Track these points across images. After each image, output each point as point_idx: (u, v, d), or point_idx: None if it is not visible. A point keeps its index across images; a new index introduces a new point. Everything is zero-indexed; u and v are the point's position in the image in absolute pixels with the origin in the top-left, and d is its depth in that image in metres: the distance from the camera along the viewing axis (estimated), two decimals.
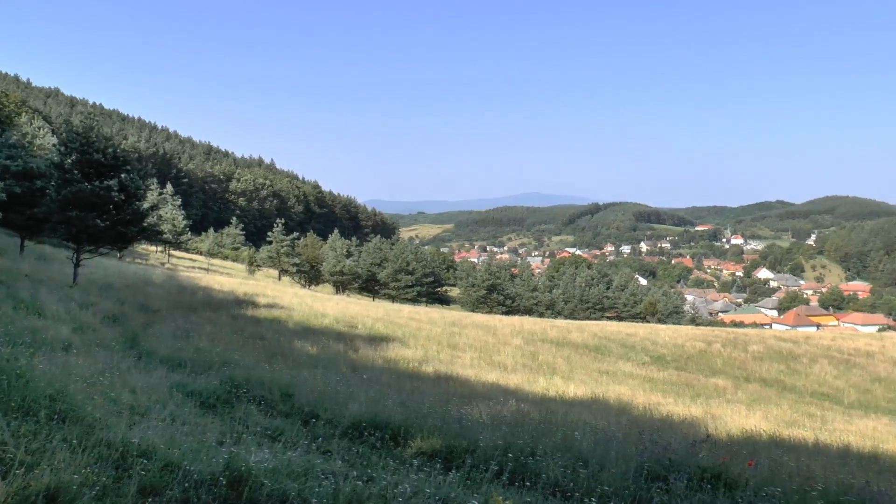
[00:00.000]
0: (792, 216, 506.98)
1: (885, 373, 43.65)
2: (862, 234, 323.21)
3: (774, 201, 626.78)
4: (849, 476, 10.90)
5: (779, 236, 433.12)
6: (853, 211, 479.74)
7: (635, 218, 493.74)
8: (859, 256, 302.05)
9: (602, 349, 39.74)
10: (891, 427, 25.69)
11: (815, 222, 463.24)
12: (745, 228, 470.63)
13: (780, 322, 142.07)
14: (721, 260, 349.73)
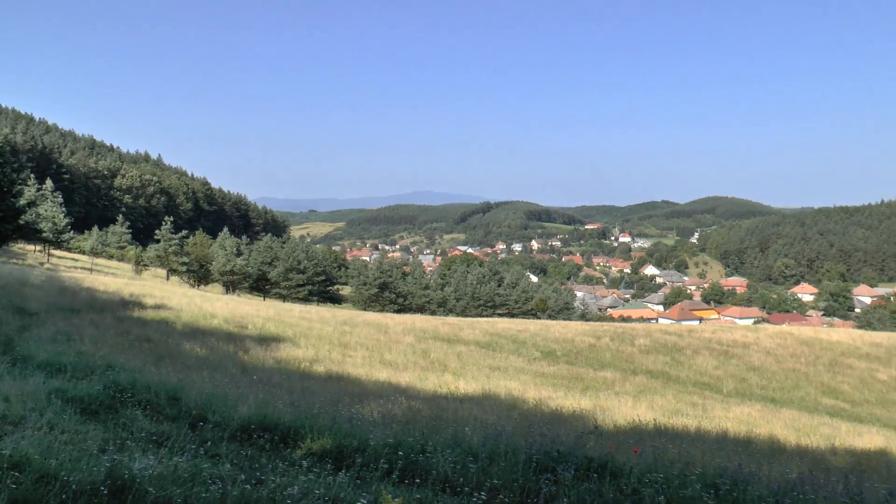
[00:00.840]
0: (677, 215, 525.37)
1: (760, 362, 45.74)
2: (740, 232, 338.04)
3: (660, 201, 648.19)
4: (725, 460, 11.41)
5: (664, 234, 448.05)
6: (732, 210, 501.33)
7: (526, 216, 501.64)
8: (737, 253, 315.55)
9: (493, 345, 40.22)
10: (763, 413, 26.97)
11: (698, 221, 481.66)
12: (633, 227, 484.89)
13: (666, 316, 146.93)
14: (610, 257, 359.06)
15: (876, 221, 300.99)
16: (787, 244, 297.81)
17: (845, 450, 19.56)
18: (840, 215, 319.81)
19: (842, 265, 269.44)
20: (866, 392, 42.63)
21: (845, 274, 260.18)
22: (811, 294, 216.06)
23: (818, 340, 56.04)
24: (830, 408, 35.90)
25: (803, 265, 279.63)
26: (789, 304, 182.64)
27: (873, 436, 24.08)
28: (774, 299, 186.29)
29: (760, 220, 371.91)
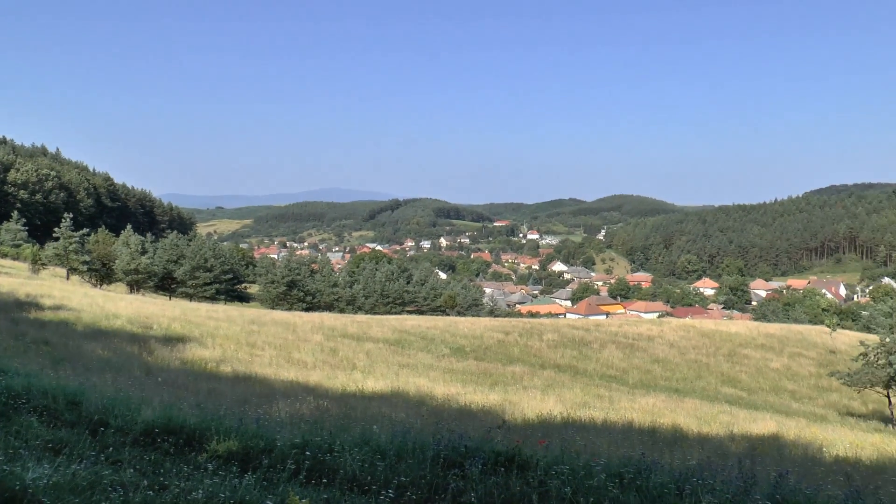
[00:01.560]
0: (584, 213, 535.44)
1: (663, 354, 47.10)
2: (645, 229, 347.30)
3: (568, 199, 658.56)
4: (630, 449, 11.70)
5: (572, 232, 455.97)
6: (638, 209, 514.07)
7: (435, 214, 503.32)
8: (643, 250, 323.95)
9: (402, 343, 40.24)
10: (667, 403, 27.78)
11: (605, 219, 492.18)
12: (541, 224, 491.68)
13: (574, 311, 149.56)
14: (518, 254, 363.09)
15: (770, 219, 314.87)
16: (689, 241, 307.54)
17: (742, 436, 20.33)
18: (738, 213, 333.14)
19: (740, 260, 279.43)
20: (761, 380, 44.42)
21: (743, 269, 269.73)
22: (712, 288, 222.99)
23: (718, 332, 58.03)
24: (730, 396, 37.25)
25: (705, 261, 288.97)
26: (692, 298, 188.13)
27: (767, 422, 25.10)
28: (678, 294, 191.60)
29: (665, 217, 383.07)
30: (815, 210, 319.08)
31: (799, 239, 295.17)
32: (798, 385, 44.97)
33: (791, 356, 52.82)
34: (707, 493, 7.96)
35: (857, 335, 62.42)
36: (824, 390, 44.18)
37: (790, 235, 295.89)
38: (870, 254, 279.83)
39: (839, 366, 44.09)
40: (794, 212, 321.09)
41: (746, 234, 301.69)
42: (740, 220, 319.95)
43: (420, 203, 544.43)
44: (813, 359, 53.08)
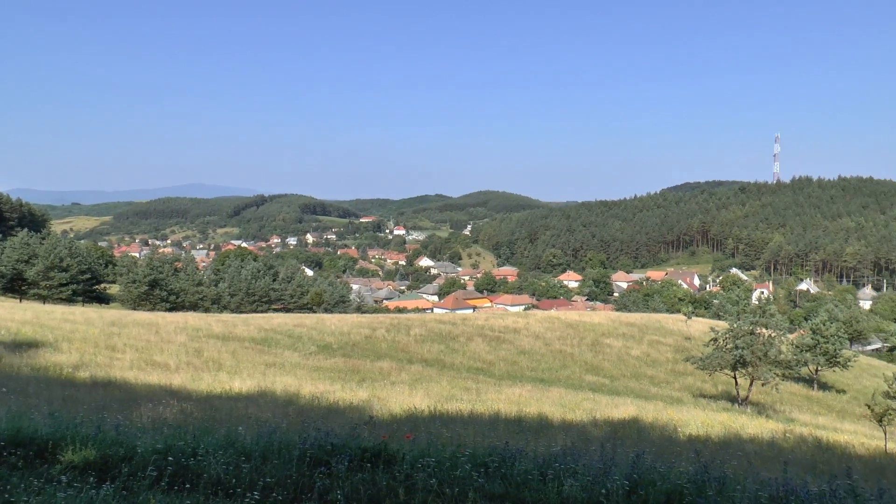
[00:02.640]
0: (450, 209, 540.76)
1: (529, 346, 48.13)
2: (510, 224, 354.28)
3: (434, 195, 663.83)
4: (496, 439, 11.94)
5: (438, 227, 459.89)
6: (503, 204, 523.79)
7: (301, 210, 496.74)
8: (508, 244, 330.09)
9: (269, 341, 39.59)
10: (533, 392, 28.46)
11: (471, 214, 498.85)
12: (407, 220, 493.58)
13: (441, 306, 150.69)
14: (385, 250, 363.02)
15: (630, 214, 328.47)
16: (554, 235, 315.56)
17: (605, 421, 21.07)
18: (601, 209, 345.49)
19: (602, 254, 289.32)
20: (623, 367, 46.07)
21: (605, 262, 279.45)
22: (576, 281, 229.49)
23: (582, 323, 59.74)
24: (593, 384, 38.45)
25: (569, 254, 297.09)
26: (557, 290, 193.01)
27: (627, 406, 26.12)
28: (543, 286, 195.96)
29: (530, 213, 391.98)
30: (672, 206, 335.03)
31: (657, 233, 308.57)
32: (657, 371, 46.89)
33: (650, 344, 55.01)
34: (569, 476, 8.22)
35: (709, 322, 65.74)
36: (680, 374, 46.26)
37: (649, 230, 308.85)
38: (720, 246, 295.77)
39: (693, 351, 46.26)
40: (653, 207, 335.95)
41: (608, 228, 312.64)
42: (602, 216, 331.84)
43: (286, 199, 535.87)
44: (670, 345, 55.48)
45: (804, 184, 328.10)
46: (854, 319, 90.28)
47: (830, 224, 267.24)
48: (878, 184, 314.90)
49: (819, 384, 52.35)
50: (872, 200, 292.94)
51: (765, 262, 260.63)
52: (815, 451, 19.75)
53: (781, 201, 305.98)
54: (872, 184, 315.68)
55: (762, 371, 36.21)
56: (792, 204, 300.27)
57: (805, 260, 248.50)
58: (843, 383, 54.70)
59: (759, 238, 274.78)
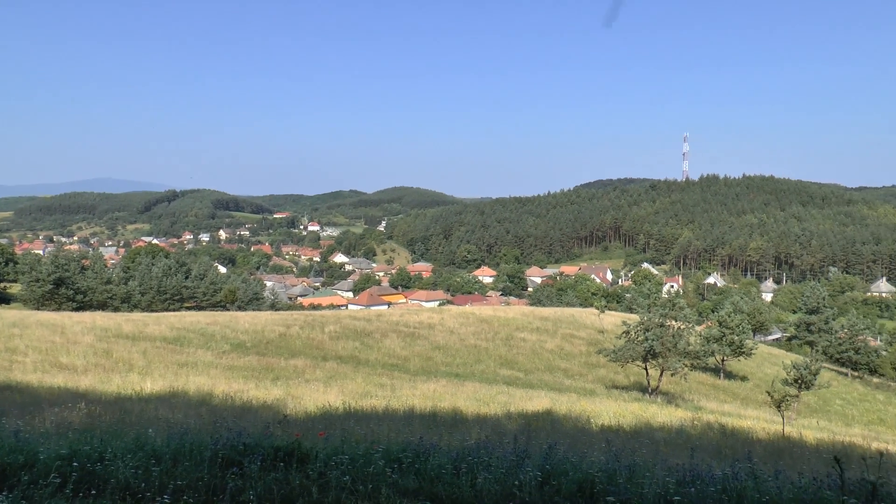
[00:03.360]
0: (364, 204, 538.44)
1: (444, 341, 48.35)
2: (425, 220, 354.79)
3: (348, 191, 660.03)
4: (411, 435, 11.97)
5: (353, 223, 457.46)
6: (418, 200, 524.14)
7: (214, 205, 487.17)
8: (423, 240, 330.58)
9: (181, 340, 38.79)
10: (448, 387, 28.61)
11: (386, 210, 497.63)
12: (322, 216, 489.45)
13: (355, 303, 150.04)
14: (299, 246, 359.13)
15: (545, 210, 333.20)
16: (469, 231, 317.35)
17: (519, 413, 21.32)
18: (515, 205, 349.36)
19: (517, 249, 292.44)
20: (537, 361, 46.69)
21: (519, 257, 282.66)
22: (490, 276, 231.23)
23: (496, 318, 60.30)
24: (507, 377, 38.85)
25: (483, 250, 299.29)
26: (471, 286, 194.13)
27: (541, 399, 26.50)
28: (458, 282, 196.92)
29: (444, 209, 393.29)
30: (585, 202, 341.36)
31: (570, 229, 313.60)
32: (570, 363, 47.69)
33: (564, 337, 55.89)
34: (483, 469, 8.30)
35: (621, 315, 67.08)
36: (593, 367, 47.16)
37: (563, 226, 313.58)
38: (631, 242, 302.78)
39: (606, 344, 47.14)
40: (566, 204, 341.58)
41: (522, 224, 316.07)
42: (517, 212, 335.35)
43: (198, 194, 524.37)
44: (583, 339, 56.48)
45: (711, 182, 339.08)
46: (757, 311, 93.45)
47: (736, 220, 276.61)
48: (779, 182, 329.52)
49: (725, 373, 54.09)
50: (773, 198, 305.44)
51: (674, 256, 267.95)
52: (720, 437, 20.39)
53: (690, 198, 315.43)
54: (774, 182, 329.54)
55: (672, 362, 37.21)
56: (700, 201, 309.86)
57: (712, 255, 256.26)
58: (747, 372, 56.64)
59: (669, 234, 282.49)
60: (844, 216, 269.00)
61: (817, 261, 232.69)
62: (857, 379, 65.46)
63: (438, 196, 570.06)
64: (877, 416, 49.59)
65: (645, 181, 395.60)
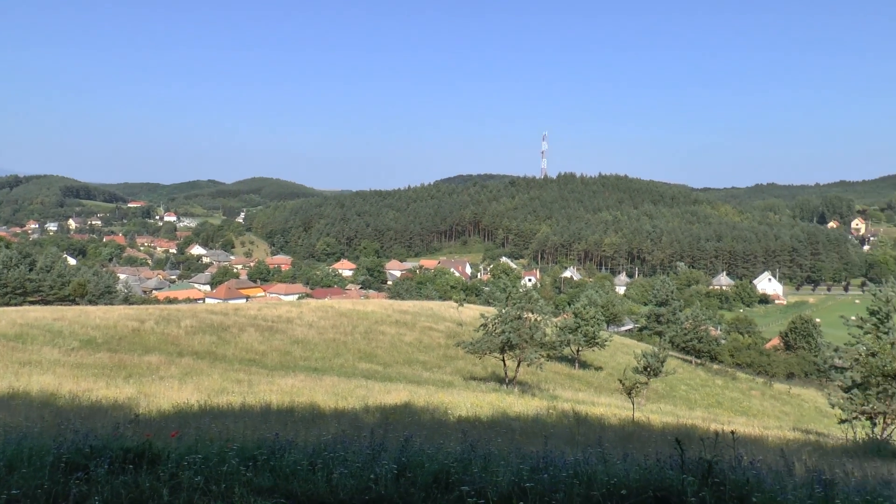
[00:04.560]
0: (223, 195, 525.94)
1: (303, 335, 47.88)
2: (285, 212, 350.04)
3: (206, 181, 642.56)
4: (267, 431, 11.80)
5: (211, 214, 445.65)
6: (277, 192, 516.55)
7: (63, 193, 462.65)
8: (283, 233, 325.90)
9: (24, 337, 36.79)
10: (306, 382, 28.38)
11: (245, 201, 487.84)
12: (179, 206, 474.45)
13: (213, 296, 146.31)
14: (155, 237, 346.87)
15: (405, 204, 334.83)
16: (328, 224, 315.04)
17: (377, 407, 21.39)
18: (375, 198, 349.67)
19: (376, 243, 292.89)
20: (395, 354, 46.92)
21: (379, 250, 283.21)
22: (350, 269, 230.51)
23: (356, 311, 60.19)
24: (367, 371, 38.88)
25: (343, 243, 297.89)
26: (331, 279, 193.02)
27: (400, 392, 26.68)
28: (318, 275, 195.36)
29: (304, 201, 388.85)
30: (445, 197, 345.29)
31: (430, 223, 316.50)
32: (429, 356, 48.15)
33: (423, 330, 56.37)
34: (340, 464, 8.27)
35: (480, 308, 68.18)
36: (452, 359, 47.78)
37: (422, 219, 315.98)
38: (491, 236, 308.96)
39: (464, 336, 47.87)
40: (426, 198, 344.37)
41: (383, 217, 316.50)
42: (377, 205, 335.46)
43: (45, 180, 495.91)
44: (442, 331, 57.13)
45: (569, 180, 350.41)
46: (611, 303, 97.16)
47: (592, 217, 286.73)
48: (632, 181, 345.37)
49: (580, 363, 55.95)
50: (627, 196, 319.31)
51: (532, 251, 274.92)
52: (574, 424, 21.09)
53: (548, 195, 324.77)
54: (627, 181, 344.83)
55: (529, 353, 38.19)
56: (558, 198, 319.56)
57: (569, 249, 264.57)
58: (601, 361, 58.80)
59: (527, 229, 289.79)
60: (691, 215, 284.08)
61: (667, 256, 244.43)
62: (700, 366, 69.07)
63: (298, 188, 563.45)
64: (715, 400, 52.67)
65: (504, 177, 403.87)
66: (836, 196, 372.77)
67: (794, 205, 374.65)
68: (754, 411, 50.24)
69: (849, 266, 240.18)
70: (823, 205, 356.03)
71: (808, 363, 78.73)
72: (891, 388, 26.30)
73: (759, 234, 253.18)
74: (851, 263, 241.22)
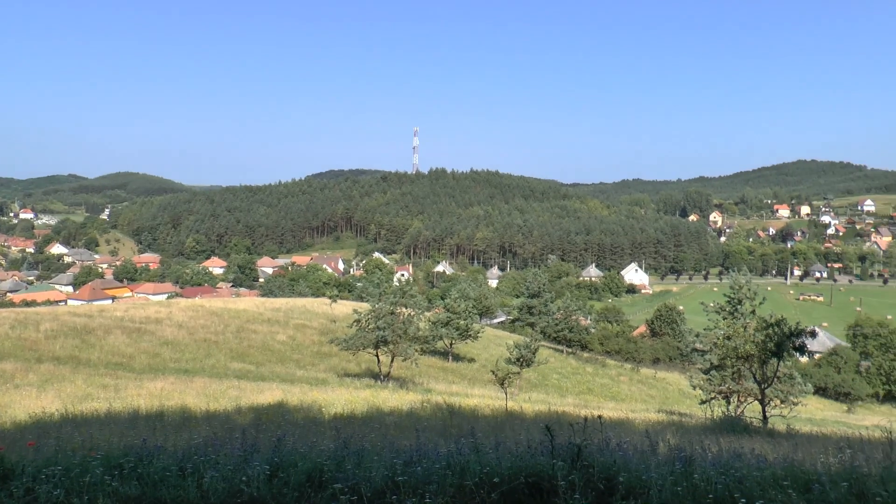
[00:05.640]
0: (85, 191, 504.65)
1: (173, 336, 46.49)
2: (152, 209, 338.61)
3: (67, 175, 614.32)
4: (135, 438, 11.41)
5: (73, 211, 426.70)
6: (144, 187, 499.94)
7: None
8: (150, 230, 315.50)
9: None
10: (176, 385, 27.59)
11: (110, 197, 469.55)
12: (36, 202, 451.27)
13: (76, 298, 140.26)
14: (9, 236, 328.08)
15: (276, 199, 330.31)
16: (198, 221, 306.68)
17: (250, 407, 21.04)
18: (246, 194, 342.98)
19: (248, 239, 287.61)
20: (268, 353, 46.27)
21: (251, 247, 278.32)
22: (221, 267, 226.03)
23: (227, 310, 58.97)
24: (239, 371, 38.14)
25: (214, 240, 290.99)
26: (201, 277, 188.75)
27: (273, 391, 26.33)
28: (187, 274, 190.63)
29: (172, 197, 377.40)
30: (317, 192, 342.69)
31: (302, 218, 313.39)
32: (302, 354, 47.67)
33: (296, 328, 55.73)
34: (211, 468, 8.07)
35: (353, 304, 67.95)
36: (326, 356, 47.45)
37: (294, 215, 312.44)
38: (363, 232, 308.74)
39: (338, 333, 47.54)
40: (298, 193, 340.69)
41: (254, 213, 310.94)
42: (247, 201, 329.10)
43: None
44: (316, 328, 56.63)
45: (440, 175, 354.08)
46: (483, 296, 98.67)
47: (463, 212, 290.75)
48: (503, 177, 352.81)
49: (453, 356, 56.56)
50: (499, 192, 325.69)
51: (405, 246, 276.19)
52: (447, 416, 21.30)
53: (420, 190, 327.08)
54: (498, 177, 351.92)
55: (402, 348, 38.41)
56: (430, 193, 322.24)
57: (441, 244, 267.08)
58: (474, 353, 59.63)
59: (399, 224, 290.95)
60: (561, 209, 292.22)
61: (538, 249, 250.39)
62: (571, 354, 71.10)
63: (166, 183, 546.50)
64: (586, 387, 54.39)
65: (377, 172, 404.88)
66: (696, 191, 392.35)
67: (659, 199, 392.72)
68: (623, 396, 52.23)
69: (708, 256, 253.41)
70: (685, 199, 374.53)
71: (673, 348, 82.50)
72: (743, 369, 27.98)
73: (626, 227, 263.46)
74: (710, 254, 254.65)
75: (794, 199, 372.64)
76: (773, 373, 27.34)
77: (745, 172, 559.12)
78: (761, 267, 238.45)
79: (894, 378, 75.54)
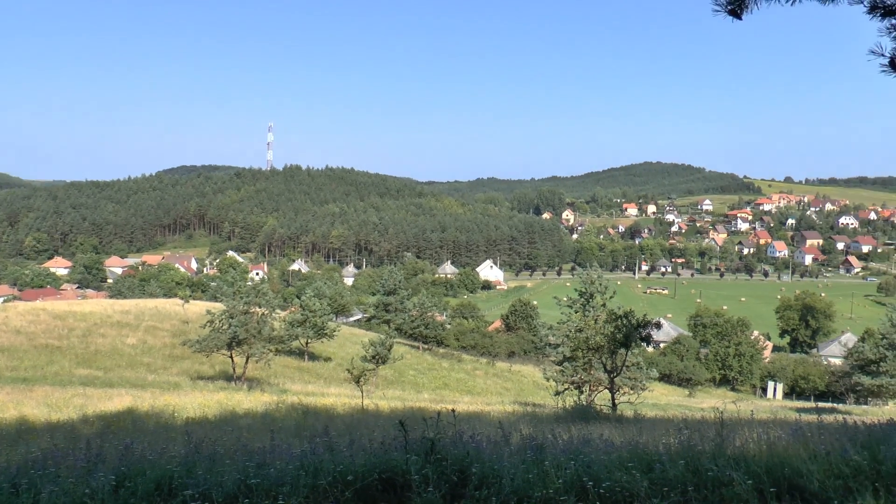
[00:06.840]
0: None
1: (9, 342, 43.98)
2: None
3: None
4: None
5: None
6: None
7: None
8: None
9: None
10: (13, 395, 26.13)
11: None
12: None
13: None
14: None
15: (125, 196, 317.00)
16: (39, 218, 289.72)
17: (97, 416, 20.23)
18: (92, 190, 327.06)
19: (95, 238, 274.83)
20: (117, 357, 44.54)
21: (98, 246, 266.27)
22: (66, 268, 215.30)
23: (72, 313, 56.28)
24: (85, 377, 36.50)
25: (57, 239, 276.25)
26: (43, 279, 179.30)
27: (123, 397, 25.41)
28: (27, 275, 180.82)
29: (10, 192, 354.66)
30: (168, 188, 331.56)
31: (153, 216, 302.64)
32: (154, 357, 46.15)
33: (147, 330, 53.88)
34: (50, 482, 7.73)
35: (207, 304, 66.29)
36: (178, 359, 46.12)
37: (145, 213, 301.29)
38: (217, 230, 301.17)
39: (191, 335, 46.27)
40: (149, 189, 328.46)
41: (101, 211, 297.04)
42: (94, 197, 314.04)
43: None
44: (168, 330, 54.92)
45: (295, 172, 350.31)
46: (339, 295, 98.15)
47: (319, 209, 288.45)
48: (359, 174, 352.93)
49: (309, 355, 56.16)
50: (354, 189, 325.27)
51: (260, 244, 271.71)
52: (303, 416, 21.19)
53: (275, 187, 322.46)
54: (354, 174, 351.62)
55: (257, 348, 37.88)
56: (285, 190, 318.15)
57: (297, 242, 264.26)
58: (330, 352, 59.40)
59: (254, 222, 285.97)
60: (416, 207, 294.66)
61: (393, 247, 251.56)
62: (427, 350, 71.82)
63: (3, 177, 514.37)
64: (443, 382, 55.23)
65: (230, 169, 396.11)
66: (550, 190, 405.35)
67: (513, 198, 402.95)
68: (479, 389, 53.29)
69: (561, 253, 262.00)
70: (538, 198, 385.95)
71: (527, 342, 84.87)
72: (594, 360, 29.23)
73: (481, 224, 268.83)
74: (563, 250, 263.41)
75: (642, 199, 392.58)
76: (622, 362, 28.69)
77: (596, 173, 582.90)
78: (612, 262, 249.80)
79: (729, 363, 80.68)
